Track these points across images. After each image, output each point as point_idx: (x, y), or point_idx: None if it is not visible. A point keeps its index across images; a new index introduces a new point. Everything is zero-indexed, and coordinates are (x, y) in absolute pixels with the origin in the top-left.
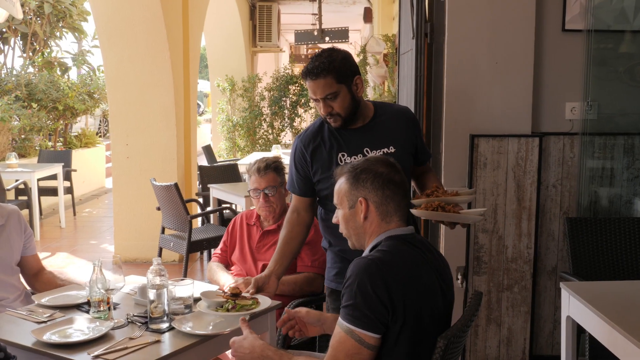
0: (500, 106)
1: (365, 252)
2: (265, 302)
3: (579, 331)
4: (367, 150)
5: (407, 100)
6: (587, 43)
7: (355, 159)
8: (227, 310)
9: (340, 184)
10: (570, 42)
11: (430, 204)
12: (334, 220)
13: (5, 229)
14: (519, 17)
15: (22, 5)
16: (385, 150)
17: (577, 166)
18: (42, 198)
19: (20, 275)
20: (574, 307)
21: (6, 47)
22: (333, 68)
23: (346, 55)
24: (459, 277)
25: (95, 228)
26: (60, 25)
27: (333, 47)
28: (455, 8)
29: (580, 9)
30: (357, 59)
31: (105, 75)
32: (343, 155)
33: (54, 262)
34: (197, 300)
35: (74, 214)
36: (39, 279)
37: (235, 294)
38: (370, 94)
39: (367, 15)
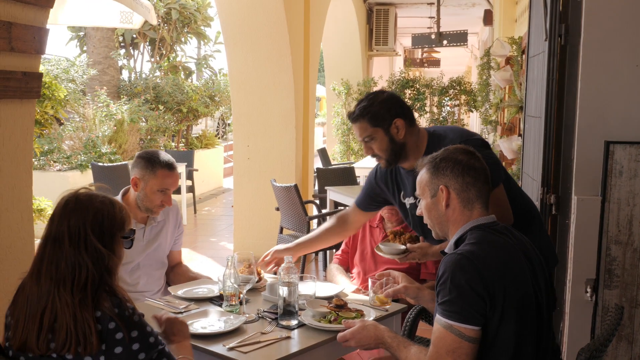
0: None
1: (450, 244)
2: (369, 314)
3: None
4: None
5: (536, 104)
6: None
7: (409, 200)
8: (330, 321)
9: (422, 175)
10: None
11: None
12: (417, 212)
13: (165, 226)
14: None
15: None
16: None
17: None
18: None
19: None
20: None
21: (136, 52)
22: (368, 112)
23: (387, 99)
24: (588, 289)
25: (214, 226)
26: (185, 30)
27: (380, 90)
28: (593, 7)
29: None
30: (478, 62)
31: (229, 78)
32: (402, 196)
33: None
34: (318, 298)
35: (195, 212)
36: (175, 271)
37: (339, 306)
38: (490, 98)
39: (488, 18)
